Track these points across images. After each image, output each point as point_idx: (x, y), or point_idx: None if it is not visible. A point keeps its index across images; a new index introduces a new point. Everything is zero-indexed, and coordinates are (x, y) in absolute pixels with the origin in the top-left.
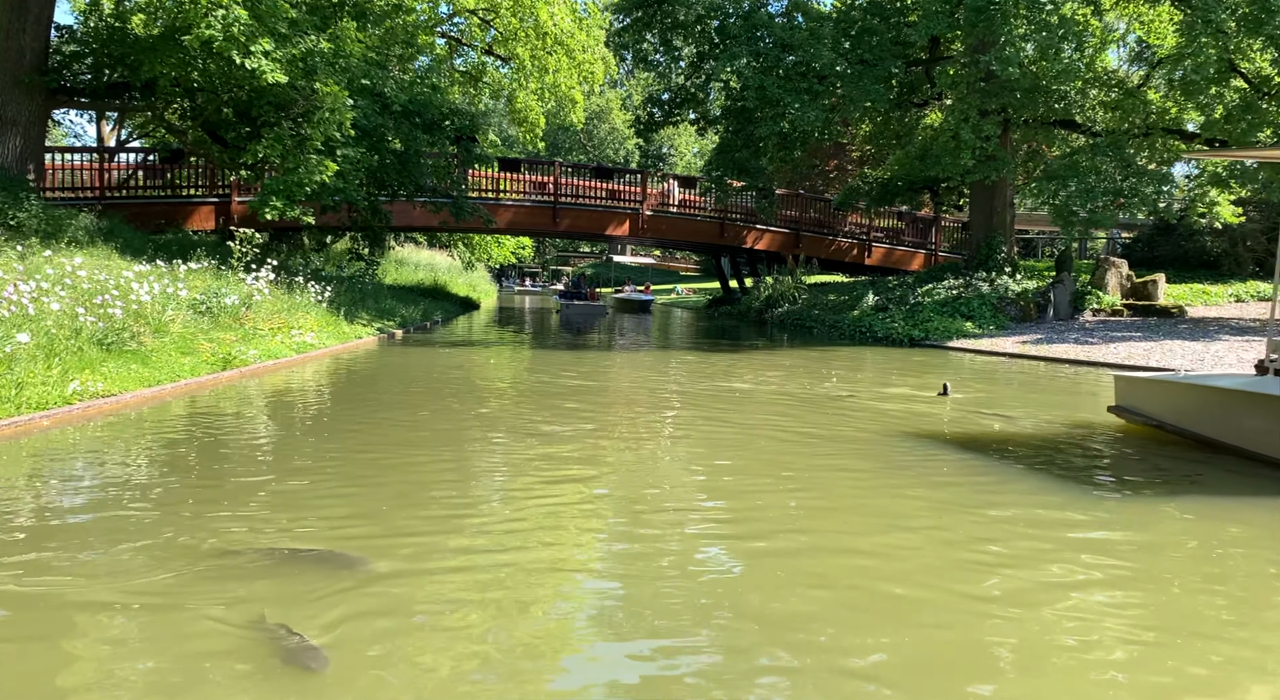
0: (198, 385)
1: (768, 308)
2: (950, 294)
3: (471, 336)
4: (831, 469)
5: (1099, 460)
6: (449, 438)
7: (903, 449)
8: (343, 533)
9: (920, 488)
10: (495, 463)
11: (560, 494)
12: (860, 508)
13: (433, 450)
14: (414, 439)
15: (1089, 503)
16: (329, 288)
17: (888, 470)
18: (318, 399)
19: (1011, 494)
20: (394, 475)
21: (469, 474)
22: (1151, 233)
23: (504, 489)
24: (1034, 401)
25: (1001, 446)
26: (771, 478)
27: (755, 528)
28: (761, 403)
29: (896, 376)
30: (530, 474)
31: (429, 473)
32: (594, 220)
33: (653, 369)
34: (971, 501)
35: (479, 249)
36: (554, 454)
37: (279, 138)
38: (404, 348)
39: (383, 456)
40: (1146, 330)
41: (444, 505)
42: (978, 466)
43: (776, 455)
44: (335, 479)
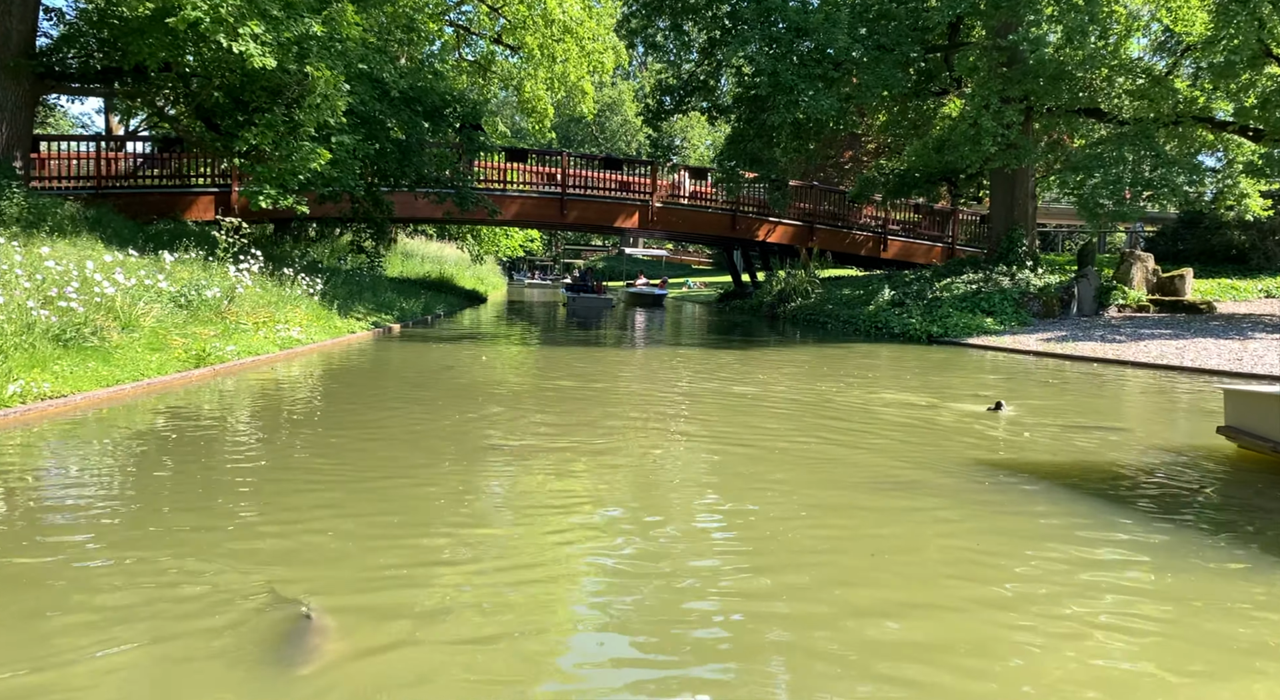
0: (162, 385)
1: (780, 302)
2: (970, 289)
3: (471, 331)
4: (902, 511)
5: (1255, 512)
6: (399, 463)
7: (977, 480)
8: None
9: (1034, 541)
10: (422, 508)
11: (506, 567)
12: (966, 567)
13: (379, 479)
14: (360, 467)
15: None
16: (321, 280)
17: (977, 511)
18: (283, 405)
19: (1161, 554)
20: (325, 517)
21: (378, 532)
22: (1176, 226)
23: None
24: (1096, 410)
25: (1104, 483)
26: (819, 521)
27: (834, 603)
28: (781, 413)
29: (919, 377)
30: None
31: (364, 517)
32: (602, 212)
33: (657, 368)
34: (1122, 579)
35: (487, 241)
36: (519, 491)
37: (270, 124)
38: (398, 343)
39: (324, 489)
40: (1176, 327)
41: (363, 566)
42: (1095, 516)
43: (818, 487)
44: (269, 518)
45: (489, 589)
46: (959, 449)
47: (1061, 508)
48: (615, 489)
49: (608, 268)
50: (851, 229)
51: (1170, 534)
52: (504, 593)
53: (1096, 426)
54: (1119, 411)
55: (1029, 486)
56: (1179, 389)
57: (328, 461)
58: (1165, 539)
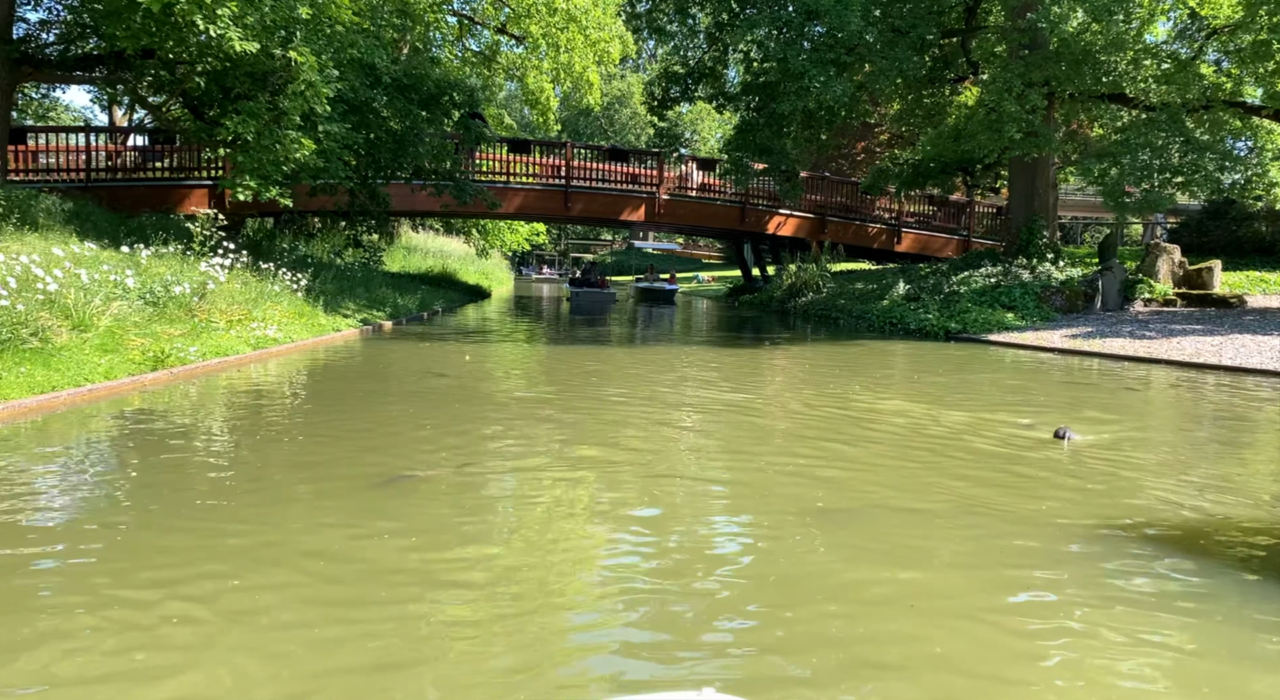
0: (108, 391)
1: (790, 297)
2: (988, 282)
3: (467, 328)
4: (1020, 613)
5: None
6: (322, 505)
7: (1076, 543)
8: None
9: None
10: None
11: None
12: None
13: (294, 526)
14: (287, 510)
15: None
16: (309, 275)
17: (1098, 596)
18: (235, 416)
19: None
20: (234, 571)
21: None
22: (1201, 217)
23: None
24: (1174, 429)
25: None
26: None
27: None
28: (795, 432)
29: (944, 380)
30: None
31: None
32: (608, 205)
33: (656, 371)
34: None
35: (492, 235)
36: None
37: (253, 112)
38: (385, 342)
39: (246, 533)
40: (1207, 322)
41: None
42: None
43: (879, 564)
44: (181, 575)
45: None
46: (1034, 492)
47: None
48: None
49: (617, 262)
50: (864, 221)
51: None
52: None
53: (1192, 455)
54: (1200, 432)
55: (1177, 566)
56: (1234, 393)
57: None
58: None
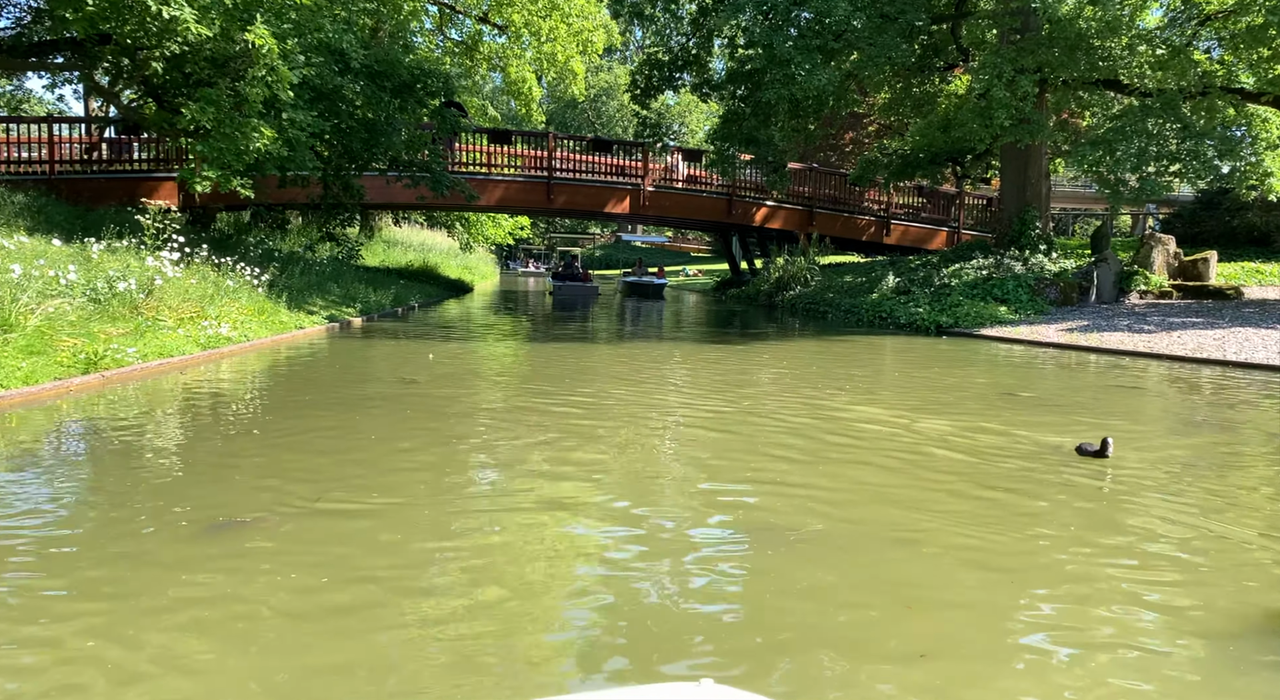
0: (24, 399)
1: (778, 291)
2: (980, 275)
3: (441, 325)
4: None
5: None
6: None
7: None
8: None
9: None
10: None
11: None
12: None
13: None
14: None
15: None
16: (275, 270)
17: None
18: (160, 429)
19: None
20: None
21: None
22: (1194, 207)
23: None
24: (1234, 447)
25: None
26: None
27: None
28: (796, 455)
29: (939, 380)
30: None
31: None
32: (591, 197)
33: (633, 373)
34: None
35: (475, 229)
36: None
37: (212, 99)
38: (351, 340)
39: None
40: (1206, 315)
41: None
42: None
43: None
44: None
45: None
46: (1087, 536)
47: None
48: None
49: (605, 256)
50: (853, 213)
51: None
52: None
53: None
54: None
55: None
56: (1256, 392)
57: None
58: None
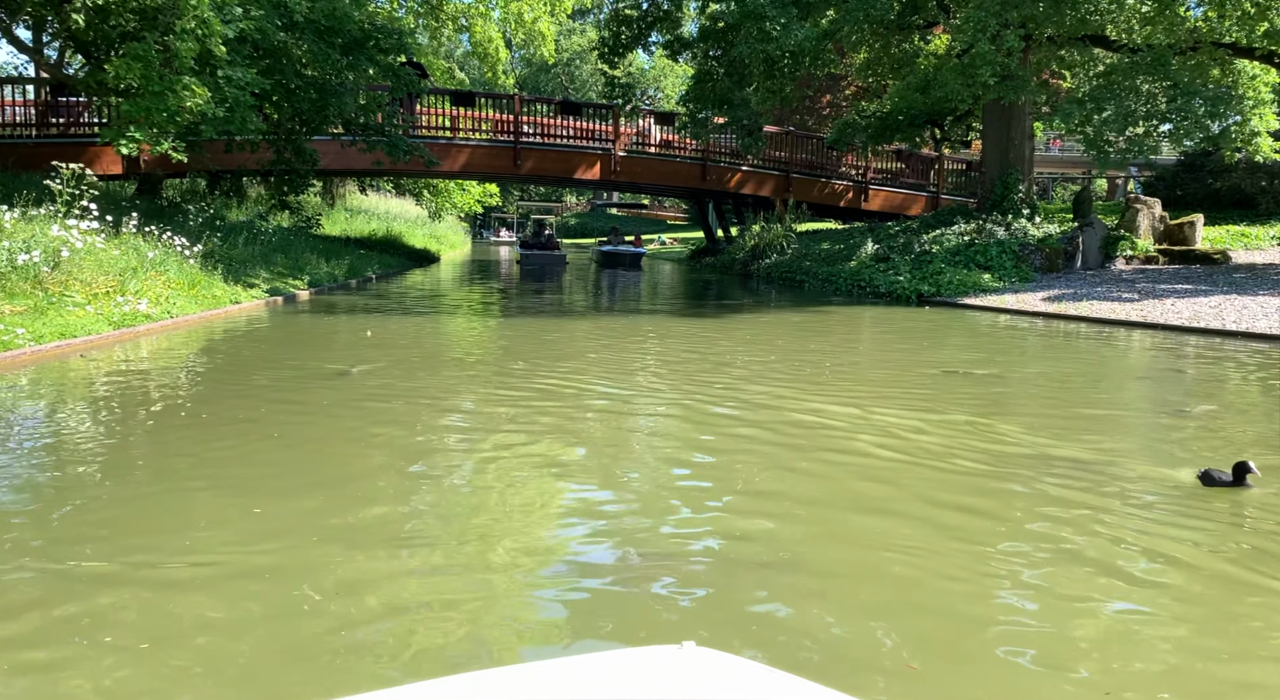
0: None
1: (754, 259)
2: (962, 241)
3: (393, 298)
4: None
5: None
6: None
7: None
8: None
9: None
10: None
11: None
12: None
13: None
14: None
15: None
16: (213, 240)
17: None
18: (20, 430)
19: None
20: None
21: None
22: (1177, 170)
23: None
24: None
25: None
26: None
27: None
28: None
29: (940, 361)
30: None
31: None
32: (560, 162)
33: (590, 360)
34: None
35: (442, 197)
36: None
37: (138, 55)
38: (292, 316)
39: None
40: (1195, 281)
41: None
42: None
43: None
44: None
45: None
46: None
47: None
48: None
49: (580, 224)
50: (830, 179)
51: None
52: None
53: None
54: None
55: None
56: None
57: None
58: None
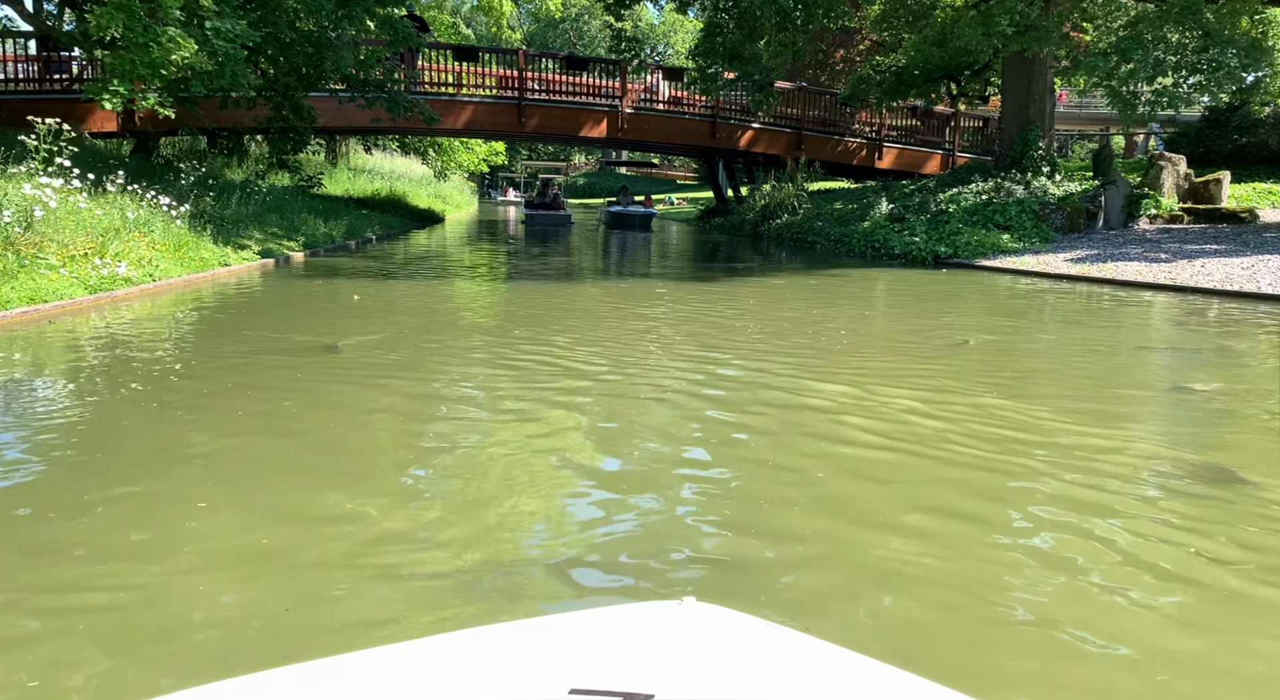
0: None
1: (764, 219)
2: (979, 200)
3: (392, 260)
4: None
5: None
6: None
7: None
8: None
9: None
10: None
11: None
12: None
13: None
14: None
15: None
16: (204, 199)
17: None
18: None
19: None
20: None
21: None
22: (1201, 126)
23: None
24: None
25: None
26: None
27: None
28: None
29: (968, 327)
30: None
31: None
32: (565, 119)
33: (584, 333)
34: None
35: (448, 155)
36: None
37: (120, 4)
38: (285, 279)
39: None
40: (1224, 241)
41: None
42: None
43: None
44: None
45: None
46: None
47: None
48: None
49: (589, 184)
50: (843, 136)
51: None
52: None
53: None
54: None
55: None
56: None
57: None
58: None
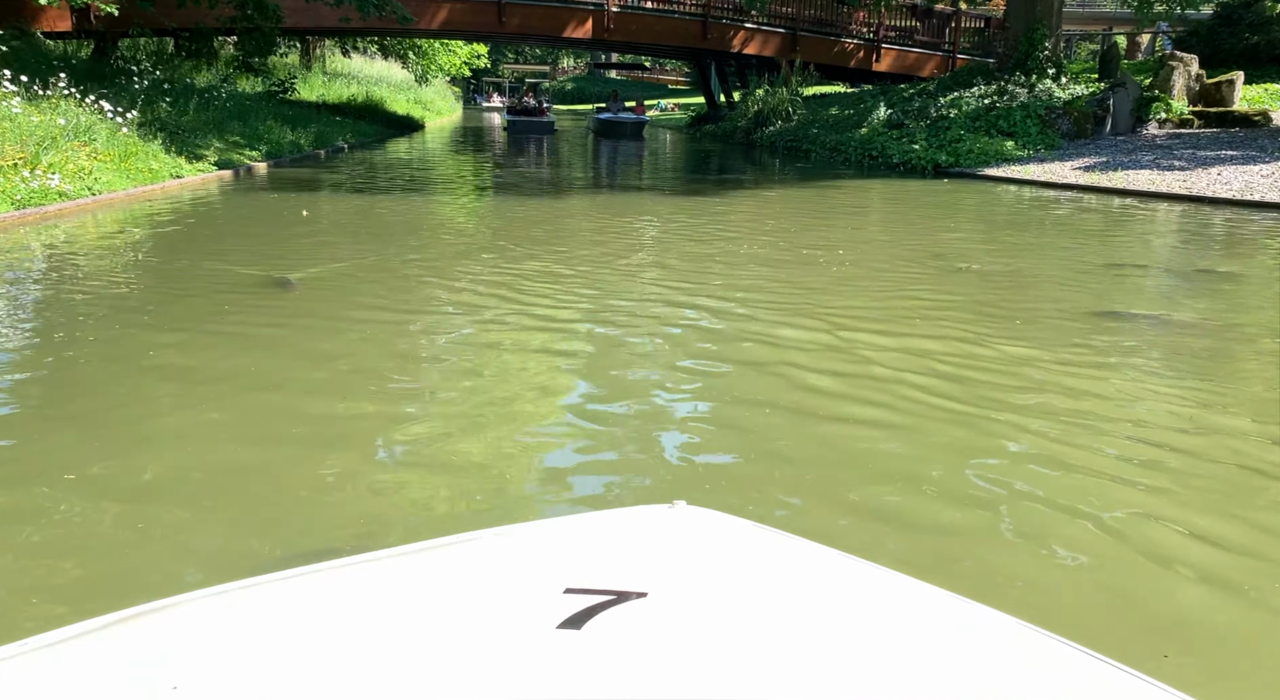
0: None
1: (757, 126)
2: (981, 105)
3: (363, 171)
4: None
5: None
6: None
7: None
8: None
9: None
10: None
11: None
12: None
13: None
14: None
15: None
16: (144, 107)
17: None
18: None
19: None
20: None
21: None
22: (1212, 23)
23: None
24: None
25: None
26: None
27: None
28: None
29: (949, 231)
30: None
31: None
32: (548, 19)
33: (564, 255)
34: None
35: (428, 59)
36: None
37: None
38: (242, 193)
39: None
40: (1239, 146)
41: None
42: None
43: None
44: None
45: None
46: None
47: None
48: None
49: (577, 89)
50: (840, 37)
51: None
52: None
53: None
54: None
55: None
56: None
57: None
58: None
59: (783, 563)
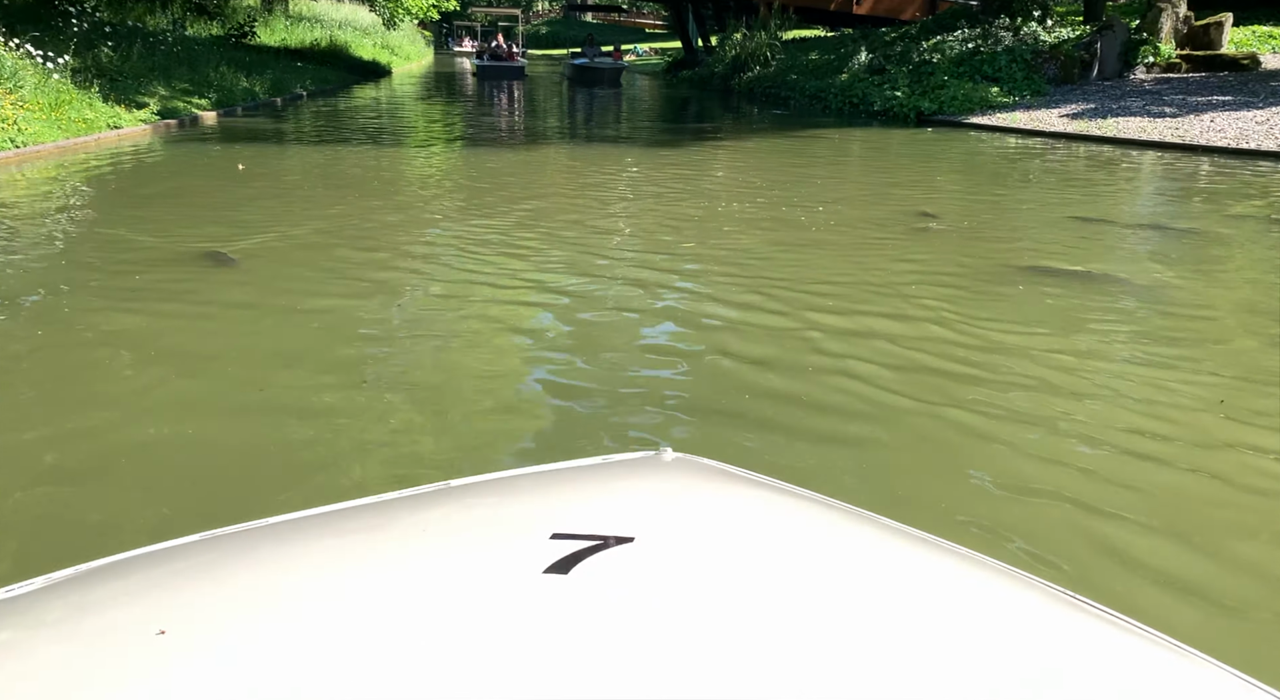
0: None
1: (734, 72)
2: (965, 49)
3: (319, 120)
4: None
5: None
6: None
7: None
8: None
9: None
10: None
11: None
12: None
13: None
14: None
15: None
16: (80, 52)
17: None
18: None
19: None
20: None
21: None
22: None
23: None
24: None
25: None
26: None
27: None
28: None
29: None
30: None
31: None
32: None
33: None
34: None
35: (396, 1)
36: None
37: None
38: (184, 145)
39: None
40: (1229, 91)
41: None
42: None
43: None
44: None
45: None
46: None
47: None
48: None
49: (551, 33)
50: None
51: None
52: None
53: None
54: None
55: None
56: None
57: None
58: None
59: (767, 507)
